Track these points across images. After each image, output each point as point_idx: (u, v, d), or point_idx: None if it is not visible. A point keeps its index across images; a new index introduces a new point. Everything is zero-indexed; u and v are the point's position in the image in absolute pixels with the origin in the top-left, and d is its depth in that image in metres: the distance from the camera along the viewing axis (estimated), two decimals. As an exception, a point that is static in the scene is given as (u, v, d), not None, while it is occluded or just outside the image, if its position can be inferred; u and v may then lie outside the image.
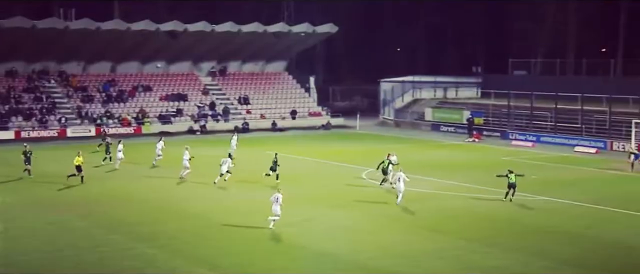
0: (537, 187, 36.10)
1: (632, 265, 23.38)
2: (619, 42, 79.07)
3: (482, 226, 28.43)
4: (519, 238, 26.60)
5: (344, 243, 25.80)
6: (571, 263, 23.52)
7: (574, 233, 27.40)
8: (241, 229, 27.71)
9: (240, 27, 68.06)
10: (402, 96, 75.12)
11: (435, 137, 61.17)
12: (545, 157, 48.17)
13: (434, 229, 27.77)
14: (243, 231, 27.37)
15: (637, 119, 50.11)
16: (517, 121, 61.33)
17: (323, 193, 35.10)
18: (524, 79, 69.45)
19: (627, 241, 26.21)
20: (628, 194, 35.01)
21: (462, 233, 27.27)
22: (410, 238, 26.55)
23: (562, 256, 24.20)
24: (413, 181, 37.94)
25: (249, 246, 25.45)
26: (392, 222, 29.02)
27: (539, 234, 27.23)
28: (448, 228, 28.10)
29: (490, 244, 25.63)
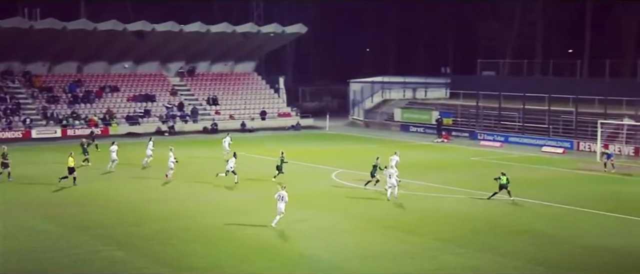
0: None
1: (602, 265, 23.73)
2: (585, 43, 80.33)
3: (454, 227, 28.64)
4: (491, 238, 26.84)
5: (320, 244, 25.80)
6: (542, 263, 23.79)
7: (545, 233, 27.72)
8: (219, 230, 27.55)
9: (209, 28, 67.72)
10: (371, 96, 75.39)
11: (405, 137, 61.50)
12: (513, 157, 48.71)
13: (407, 230, 27.90)
14: (220, 232, 27.22)
15: (602, 119, 50.92)
16: (485, 121, 61.95)
17: (295, 194, 34.99)
18: (492, 79, 70.20)
19: (597, 241, 26.58)
20: (597, 194, 35.52)
21: (435, 233, 27.43)
22: (383, 239, 26.64)
23: (534, 256, 24.47)
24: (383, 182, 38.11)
25: (224, 247, 25.31)
26: (365, 223, 29.08)
27: (511, 234, 27.52)
28: (421, 228, 28.24)
29: (463, 245, 25.82)
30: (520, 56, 73.38)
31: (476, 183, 36.51)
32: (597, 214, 30.96)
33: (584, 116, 55.24)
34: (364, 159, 46.75)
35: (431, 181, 38.45)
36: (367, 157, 46.63)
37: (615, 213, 31.05)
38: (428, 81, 77.92)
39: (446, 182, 37.79)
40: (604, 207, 32.14)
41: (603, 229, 28.42)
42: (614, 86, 56.10)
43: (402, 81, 77.41)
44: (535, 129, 57.56)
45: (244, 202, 32.94)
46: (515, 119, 59.85)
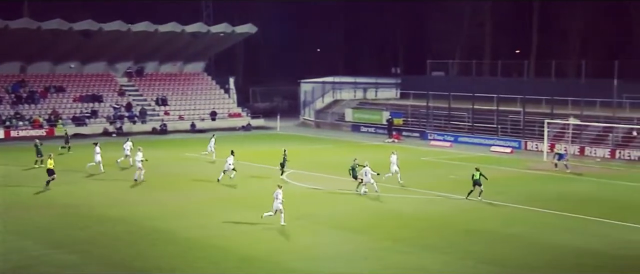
0: (457, 187, 36.85)
1: (550, 262, 24.10)
2: (532, 44, 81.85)
3: (404, 226, 28.78)
4: (440, 238, 27.04)
5: (266, 245, 25.65)
6: (491, 261, 24.05)
7: (492, 231, 28.05)
8: (165, 233, 27.15)
9: (157, 27, 66.87)
10: (322, 96, 75.47)
11: (356, 138, 61.71)
12: (463, 157, 49.26)
13: (357, 231, 27.92)
14: (167, 235, 26.82)
15: (549, 119, 51.90)
16: (435, 121, 62.57)
17: (245, 195, 34.83)
18: (442, 80, 70.94)
19: (546, 239, 27.01)
20: (545, 193, 36.10)
21: (384, 233, 27.52)
22: (333, 239, 26.62)
23: (482, 255, 24.73)
24: (335, 182, 38.14)
25: (170, 250, 24.96)
26: (315, 224, 29.01)
27: (459, 233, 27.77)
28: (371, 228, 28.30)
29: (413, 245, 25.96)
30: (469, 57, 74.38)
31: (427, 183, 36.80)
32: (545, 213, 31.47)
33: (531, 115, 56.21)
34: (315, 160, 46.79)
35: (382, 181, 38.57)
36: (319, 157, 46.79)
37: (563, 211, 31.61)
38: (378, 81, 78.35)
39: (397, 182, 37.97)
40: (553, 206, 32.69)
41: (552, 227, 28.89)
42: (560, 86, 57.21)
43: (353, 81, 77.66)
44: (484, 129, 58.36)
45: (192, 205, 32.58)
46: (465, 119, 60.61)
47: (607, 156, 48.49)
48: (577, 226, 29.13)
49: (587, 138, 52.06)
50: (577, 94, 54.19)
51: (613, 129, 50.77)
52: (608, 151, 49.03)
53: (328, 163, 45.20)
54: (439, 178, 39.66)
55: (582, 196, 35.52)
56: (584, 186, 38.47)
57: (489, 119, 58.69)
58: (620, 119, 51.89)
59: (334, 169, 43.01)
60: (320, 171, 42.21)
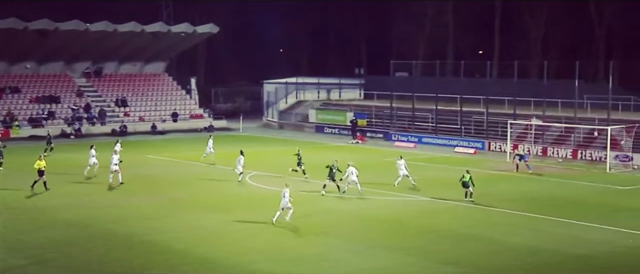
0: (420, 188, 37.04)
1: (513, 264, 24.32)
2: (495, 45, 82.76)
3: (366, 228, 28.82)
4: (402, 239, 27.14)
5: (227, 247, 25.48)
6: (452, 262, 24.19)
7: (456, 232, 28.23)
8: (124, 237, 26.81)
9: (116, 27, 66.08)
10: (285, 97, 75.33)
11: (320, 139, 61.71)
12: (427, 157, 49.54)
13: (318, 233, 27.88)
14: (125, 240, 26.48)
15: (512, 119, 52.47)
16: (399, 122, 62.86)
17: (207, 197, 34.59)
18: (406, 80, 71.29)
19: (508, 240, 27.24)
20: (508, 194, 36.47)
21: (347, 235, 27.53)
22: (294, 242, 26.54)
23: (444, 256, 24.87)
24: (298, 184, 38.10)
25: (127, 254, 24.64)
26: (276, 226, 28.90)
27: (422, 234, 27.90)
28: (333, 230, 28.28)
29: (374, 246, 26.01)
30: (433, 57, 74.83)
31: (391, 184, 36.90)
32: (508, 213, 31.79)
33: (494, 116, 56.78)
34: (278, 161, 46.67)
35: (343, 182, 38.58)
36: (282, 159, 46.63)
37: (525, 211, 31.95)
38: (342, 82, 78.50)
39: (361, 183, 38.00)
40: (515, 206, 33.03)
41: (515, 228, 29.16)
42: (522, 87, 57.85)
43: (316, 81, 77.68)
44: (448, 129, 58.81)
45: (152, 207, 32.23)
46: (429, 119, 61.01)
47: (569, 156, 49.20)
48: (538, 226, 29.47)
49: (549, 139, 52.77)
50: (539, 94, 54.88)
51: (574, 130, 51.53)
52: (570, 152, 49.75)
53: (291, 165, 45.02)
54: (402, 179, 39.76)
55: (543, 196, 35.95)
56: (546, 186, 38.95)
57: (452, 120, 59.15)
58: (581, 120, 52.69)
59: (296, 170, 42.92)
60: (283, 172, 42.07)
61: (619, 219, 30.63)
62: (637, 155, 46.17)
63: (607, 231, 28.46)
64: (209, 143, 45.82)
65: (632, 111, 54.85)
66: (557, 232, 28.36)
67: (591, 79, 73.11)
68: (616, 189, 37.87)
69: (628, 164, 45.60)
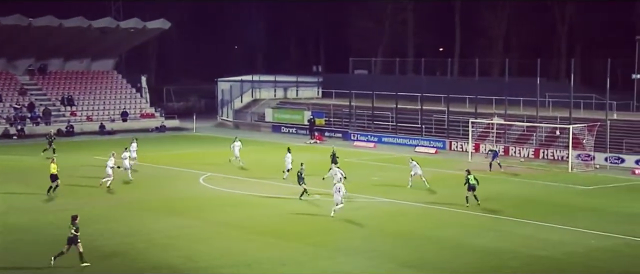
0: (380, 189, 37.26)
1: (477, 266, 24.60)
2: (455, 43, 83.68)
3: (326, 231, 28.86)
4: (363, 242, 27.24)
5: (181, 252, 25.27)
6: (415, 265, 24.35)
7: (419, 234, 28.43)
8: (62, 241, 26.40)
9: (62, 22, 65.06)
10: (241, 96, 75.12)
11: (276, 138, 61.61)
12: (387, 158, 49.80)
13: (277, 236, 27.83)
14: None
15: (473, 118, 53.09)
16: (358, 121, 63.12)
17: (159, 199, 34.27)
18: (365, 78, 71.69)
19: (472, 241, 27.52)
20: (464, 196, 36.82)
21: (306, 238, 27.52)
22: (251, 245, 26.44)
23: (406, 259, 25.03)
24: (254, 186, 38.01)
25: (73, 260, 24.27)
26: (232, 229, 28.76)
27: (383, 236, 28.04)
28: (292, 234, 28.24)
29: (335, 249, 26.06)
30: (393, 55, 75.34)
31: (350, 185, 36.94)
32: (471, 215, 32.14)
33: (455, 115, 57.38)
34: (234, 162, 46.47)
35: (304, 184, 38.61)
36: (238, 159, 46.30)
37: (487, 213, 32.31)
38: (299, 80, 78.56)
39: (318, 184, 38.07)
40: (479, 207, 33.39)
41: (478, 229, 29.48)
42: (483, 85, 58.54)
43: (273, 79, 77.59)
44: (409, 129, 59.24)
45: (102, 211, 31.84)
46: (389, 118, 61.38)
47: (531, 155, 49.95)
48: (501, 227, 29.86)
49: (511, 138, 53.51)
50: (500, 93, 55.58)
51: (536, 129, 52.34)
52: (532, 151, 50.52)
53: (247, 165, 44.88)
54: (362, 180, 39.95)
55: (507, 196, 36.42)
56: (509, 187, 39.44)
57: (413, 119, 59.61)
58: (543, 119, 53.55)
59: (252, 171, 42.83)
60: (238, 174, 41.92)
61: (581, 219, 31.20)
62: (598, 154, 47.11)
63: (570, 232, 28.97)
64: (237, 144, 44.62)
65: (594, 109, 55.95)
66: (520, 233, 28.78)
67: (553, 77, 74.44)
68: (578, 189, 38.58)
69: (590, 163, 46.49)
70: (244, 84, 75.70)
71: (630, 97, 59.79)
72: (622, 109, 55.47)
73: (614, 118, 52.00)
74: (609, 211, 33.28)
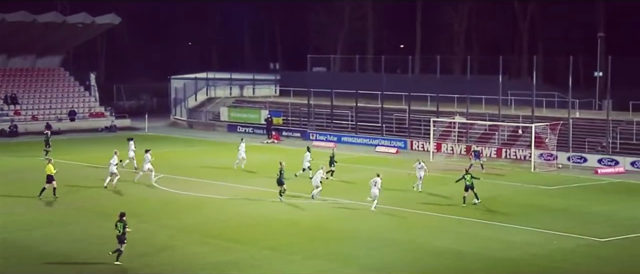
0: (340, 191, 37.34)
1: (437, 268, 24.80)
2: (416, 39, 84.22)
3: (283, 234, 28.84)
4: (322, 245, 27.29)
5: (133, 261, 25.03)
6: (375, 268, 24.48)
7: (379, 237, 28.57)
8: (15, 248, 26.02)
9: (4, 16, 63.85)
10: (195, 94, 74.69)
11: (232, 138, 61.17)
12: (347, 158, 49.87)
13: (232, 239, 27.73)
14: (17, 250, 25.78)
15: (435, 117, 53.50)
16: (317, 120, 63.19)
17: (111, 204, 33.89)
18: (324, 76, 71.76)
19: (433, 243, 27.76)
20: (432, 196, 37.17)
21: (262, 241, 27.47)
22: (205, 249, 26.30)
23: (366, 262, 25.15)
24: (210, 187, 37.83)
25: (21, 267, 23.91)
26: (185, 233, 28.60)
27: (344, 240, 28.13)
28: (247, 236, 28.18)
29: (292, 252, 26.06)
30: (352, 51, 75.61)
31: (309, 187, 36.97)
32: (433, 216, 32.38)
33: (416, 113, 57.77)
34: (188, 163, 46.17)
35: (259, 185, 38.56)
36: (191, 160, 46.19)
37: (450, 214, 32.56)
38: (256, 78, 78.33)
39: (275, 186, 38.01)
40: (440, 208, 33.66)
41: (439, 231, 29.73)
42: (445, 83, 59.01)
43: (228, 77, 77.26)
44: (369, 128, 59.50)
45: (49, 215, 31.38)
46: (348, 117, 61.56)
47: (493, 155, 50.50)
48: (462, 228, 30.16)
49: (473, 137, 54.04)
50: (462, 91, 56.09)
51: (499, 128, 52.95)
52: (494, 150, 51.10)
53: (202, 167, 44.68)
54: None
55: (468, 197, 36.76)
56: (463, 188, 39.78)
57: (373, 118, 59.87)
58: (505, 117, 54.21)
59: (208, 173, 42.60)
60: (193, 175, 41.66)
61: (544, 220, 31.68)
62: (561, 153, 47.88)
63: (533, 233, 29.39)
64: (241, 147, 44.08)
65: (557, 107, 56.83)
66: (483, 234, 29.11)
67: (515, 75, 75.44)
68: (541, 189, 39.14)
69: (552, 163, 47.20)
70: (198, 82, 75.26)
71: (592, 95, 60.88)
72: (584, 108, 56.46)
73: (577, 116, 52.92)
74: (571, 211, 33.85)
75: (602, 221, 31.66)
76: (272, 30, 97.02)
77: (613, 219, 32.06)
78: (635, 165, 46.05)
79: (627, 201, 36.73)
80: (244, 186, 38.41)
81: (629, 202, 36.42)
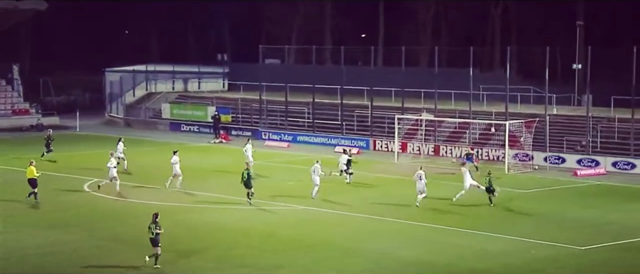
0: (296, 195, 37.28)
1: None
2: (379, 28, 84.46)
3: (232, 244, 28.68)
4: (276, 255, 27.20)
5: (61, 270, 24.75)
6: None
7: (340, 246, 28.57)
8: None
9: None
10: (133, 89, 74.26)
11: (175, 138, 60.90)
12: (303, 159, 49.78)
13: (174, 251, 27.47)
14: None
15: (400, 114, 53.69)
16: (270, 118, 63.07)
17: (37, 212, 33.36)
18: (277, 68, 71.68)
19: (399, 253, 27.85)
20: (400, 200, 37.23)
21: (207, 251, 27.40)
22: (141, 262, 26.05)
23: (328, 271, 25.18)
24: (148, 193, 37.49)
25: None
26: (120, 244, 28.37)
27: (299, 249, 28.13)
28: (190, 247, 28.00)
29: (240, 265, 25.96)
30: (309, 42, 75.58)
31: (260, 191, 36.82)
32: (401, 223, 32.47)
33: (380, 110, 57.97)
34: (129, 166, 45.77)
35: (208, 190, 38.36)
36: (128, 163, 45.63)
37: (420, 221, 32.64)
38: (202, 70, 78.02)
39: (226, 191, 37.84)
40: (409, 214, 33.76)
41: (408, 239, 29.84)
42: (411, 76, 59.29)
43: (171, 70, 76.83)
44: (327, 126, 59.53)
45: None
46: (304, 114, 61.53)
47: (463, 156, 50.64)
48: (433, 236, 30.28)
49: (442, 136, 54.40)
50: (430, 85, 56.42)
51: (469, 125, 53.32)
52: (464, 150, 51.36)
53: (139, 169, 44.30)
54: (276, 185, 39.93)
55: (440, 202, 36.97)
56: (441, 191, 39.97)
57: (332, 115, 59.92)
58: (476, 114, 54.63)
59: (146, 177, 42.25)
60: (128, 179, 41.22)
61: (520, 227, 32.00)
62: (537, 153, 48.40)
63: (508, 241, 29.65)
64: (248, 149, 44.04)
65: (533, 103, 57.48)
66: (455, 243, 29.28)
67: (487, 68, 76.07)
68: (516, 193, 39.40)
69: (528, 163, 47.72)
70: (137, 75, 74.70)
71: (571, 89, 61.65)
72: (562, 103, 57.19)
73: (554, 113, 53.60)
74: (549, 216, 34.25)
75: (582, 227, 32.08)
76: (220, 18, 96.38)
77: (594, 225, 32.52)
78: (617, 166, 46.76)
79: (609, 205, 37.29)
80: (192, 191, 38.06)
81: (611, 206, 36.96)
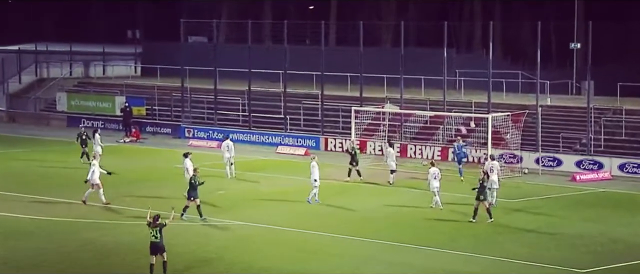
0: (226, 207, 37.34)
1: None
2: None
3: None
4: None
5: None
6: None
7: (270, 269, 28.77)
8: None
9: None
10: (18, 73, 73.80)
11: (74, 136, 60.29)
12: (237, 162, 49.84)
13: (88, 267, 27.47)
14: None
15: (358, 106, 53.86)
16: (195, 110, 62.85)
17: None
18: (204, 49, 71.40)
19: None
20: (352, 213, 37.48)
21: None
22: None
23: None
24: (40, 208, 37.25)
25: None
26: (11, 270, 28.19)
27: None
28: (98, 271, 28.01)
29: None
30: (243, 15, 75.41)
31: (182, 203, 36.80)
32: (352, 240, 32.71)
33: (332, 100, 58.12)
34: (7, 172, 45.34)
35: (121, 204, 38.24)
36: (14, 168, 45.32)
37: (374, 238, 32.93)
38: (107, 51, 77.49)
39: (137, 203, 37.71)
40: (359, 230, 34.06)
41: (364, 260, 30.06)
42: (371, 59, 59.49)
43: (68, 50, 76.22)
44: (267, 121, 59.54)
45: None
46: (239, 106, 61.42)
47: (436, 156, 51.03)
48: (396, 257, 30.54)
49: (410, 132, 54.65)
50: (394, 69, 56.67)
51: (444, 119, 53.63)
52: (438, 150, 51.79)
53: (30, 177, 43.92)
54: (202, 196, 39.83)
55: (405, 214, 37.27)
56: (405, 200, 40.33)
57: (273, 107, 59.96)
58: (452, 105, 55.05)
59: (36, 186, 41.95)
60: (16, 189, 40.91)
61: (505, 244, 32.33)
62: (527, 154, 48.86)
63: (489, 262, 29.90)
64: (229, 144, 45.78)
65: (521, 92, 58.07)
66: (419, 265, 29.55)
67: (466, 48, 76.61)
68: (501, 203, 39.50)
69: (515, 166, 48.15)
70: (24, 57, 74.01)
71: (568, 74, 62.39)
72: (558, 91, 57.83)
73: (548, 104, 54.20)
74: (541, 232, 34.55)
75: (582, 246, 32.46)
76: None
77: (596, 243, 32.85)
78: (625, 169, 47.27)
79: (614, 218, 37.72)
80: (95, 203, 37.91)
81: (616, 220, 37.34)
